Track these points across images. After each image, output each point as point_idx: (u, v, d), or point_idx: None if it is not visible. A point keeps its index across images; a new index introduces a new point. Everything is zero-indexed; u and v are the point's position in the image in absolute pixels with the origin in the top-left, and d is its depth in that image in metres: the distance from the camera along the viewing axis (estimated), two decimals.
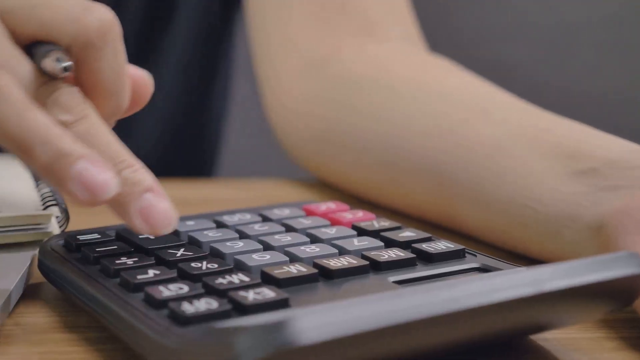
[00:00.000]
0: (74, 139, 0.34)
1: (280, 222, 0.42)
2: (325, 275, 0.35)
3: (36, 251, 0.41)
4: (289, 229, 0.41)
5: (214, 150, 0.82)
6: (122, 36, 0.39)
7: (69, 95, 0.38)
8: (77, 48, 0.38)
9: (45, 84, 0.38)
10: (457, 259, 0.37)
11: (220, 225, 0.42)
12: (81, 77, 0.39)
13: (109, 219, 0.44)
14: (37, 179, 0.50)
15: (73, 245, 0.39)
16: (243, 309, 0.31)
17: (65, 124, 0.36)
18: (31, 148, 0.34)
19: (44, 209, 0.44)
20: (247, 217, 0.43)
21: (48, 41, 0.39)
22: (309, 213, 0.44)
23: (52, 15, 0.39)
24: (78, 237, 0.39)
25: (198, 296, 0.32)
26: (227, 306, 0.31)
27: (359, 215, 0.43)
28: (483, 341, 0.33)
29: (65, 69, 0.37)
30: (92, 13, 0.38)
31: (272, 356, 0.27)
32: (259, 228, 0.41)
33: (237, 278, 0.34)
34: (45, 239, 0.42)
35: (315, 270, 0.35)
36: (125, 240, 0.39)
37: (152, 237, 0.37)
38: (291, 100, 0.62)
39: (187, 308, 0.31)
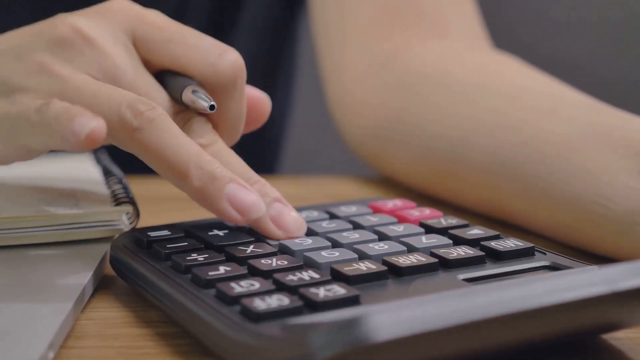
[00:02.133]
0: (221, 164, 0.38)
1: (347, 219, 0.42)
2: (394, 272, 0.35)
3: (108, 247, 0.42)
4: (357, 226, 0.41)
5: (277, 147, 0.82)
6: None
7: (201, 123, 0.42)
8: (207, 86, 0.41)
9: (179, 113, 0.41)
10: (527, 257, 0.37)
11: None
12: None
13: (177, 216, 0.44)
14: (106, 175, 0.50)
15: (144, 242, 0.39)
16: (314, 305, 0.32)
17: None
18: (186, 172, 0.37)
19: (115, 205, 0.45)
20: (314, 214, 0.43)
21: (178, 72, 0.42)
22: (376, 210, 0.44)
23: (187, 54, 0.42)
24: (149, 233, 0.40)
25: (269, 292, 0.33)
26: (299, 303, 0.32)
27: (426, 213, 0.43)
28: (554, 340, 0.32)
29: (212, 107, 0.41)
30: (226, 59, 0.41)
31: (346, 353, 0.27)
32: (326, 225, 0.41)
33: (307, 275, 0.34)
34: (116, 235, 0.42)
35: (384, 268, 0.35)
36: (195, 236, 0.40)
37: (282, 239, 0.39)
38: (359, 90, 0.62)
39: (259, 304, 0.31)
